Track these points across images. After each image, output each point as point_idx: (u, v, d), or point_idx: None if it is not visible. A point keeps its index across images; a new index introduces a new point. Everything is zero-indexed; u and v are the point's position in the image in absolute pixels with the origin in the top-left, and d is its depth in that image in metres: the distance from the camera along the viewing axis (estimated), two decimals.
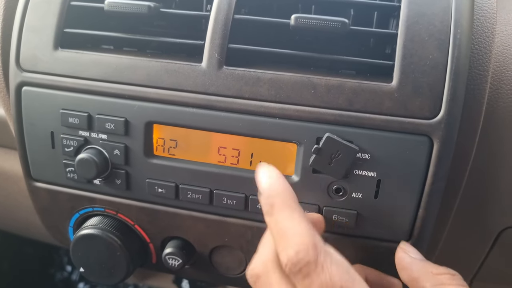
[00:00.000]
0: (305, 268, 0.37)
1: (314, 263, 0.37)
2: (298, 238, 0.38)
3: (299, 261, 0.38)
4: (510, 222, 0.63)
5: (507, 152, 0.55)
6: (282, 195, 0.42)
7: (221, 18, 0.51)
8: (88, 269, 0.60)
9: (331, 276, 0.37)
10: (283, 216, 0.41)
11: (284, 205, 0.41)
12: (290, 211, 0.41)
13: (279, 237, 0.40)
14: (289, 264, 0.38)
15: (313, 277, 0.37)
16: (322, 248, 0.38)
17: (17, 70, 0.56)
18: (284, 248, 0.39)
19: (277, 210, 0.41)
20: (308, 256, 0.38)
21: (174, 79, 0.51)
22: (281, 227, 0.40)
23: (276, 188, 0.42)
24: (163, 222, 0.58)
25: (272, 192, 0.42)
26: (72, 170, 0.58)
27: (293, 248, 0.38)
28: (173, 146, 0.54)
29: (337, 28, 0.48)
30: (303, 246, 0.38)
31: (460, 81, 0.47)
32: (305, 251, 0.38)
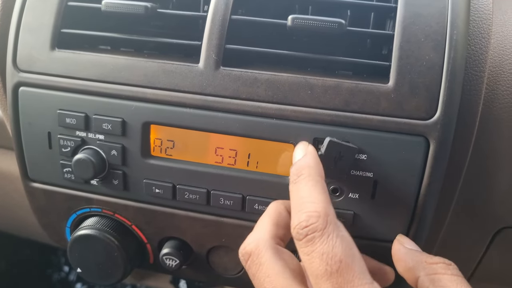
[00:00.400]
0: (311, 234, 0.39)
1: (320, 231, 0.38)
2: (312, 205, 0.40)
3: (307, 226, 0.39)
4: (506, 221, 0.63)
5: (503, 152, 0.55)
6: (311, 168, 0.44)
7: (218, 19, 0.51)
8: (85, 270, 0.60)
9: (334, 247, 0.38)
10: (306, 185, 0.42)
11: (309, 176, 0.43)
12: (314, 182, 0.42)
13: (296, 203, 0.42)
14: (297, 227, 0.39)
15: (316, 244, 0.38)
16: (332, 220, 0.39)
17: (14, 70, 0.56)
18: (297, 213, 0.40)
19: (301, 179, 0.43)
20: (317, 223, 0.39)
21: (171, 79, 0.51)
22: (301, 194, 0.42)
23: (307, 161, 0.44)
24: (161, 223, 0.58)
25: (302, 164, 0.44)
26: (69, 171, 0.58)
27: (305, 213, 0.40)
28: (170, 146, 0.54)
29: (333, 29, 0.48)
30: (315, 213, 0.39)
31: (456, 82, 0.47)
32: (315, 217, 0.39)
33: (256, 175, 0.53)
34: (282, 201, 0.49)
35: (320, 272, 0.38)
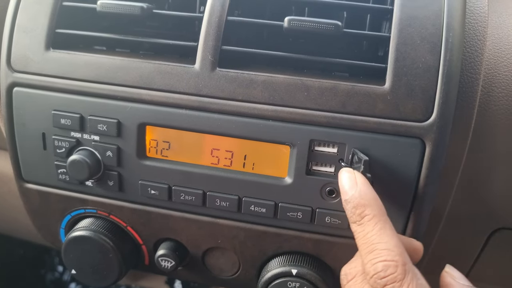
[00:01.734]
0: (390, 284, 0.38)
1: (400, 282, 0.38)
2: (388, 252, 0.39)
3: (385, 276, 0.38)
4: (501, 223, 0.63)
5: (498, 154, 0.56)
6: (374, 205, 0.42)
7: (214, 20, 0.51)
8: (80, 272, 0.60)
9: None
10: (375, 228, 0.41)
11: (375, 217, 0.41)
12: (382, 224, 0.41)
13: (367, 248, 0.40)
14: (375, 277, 0.39)
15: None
16: (410, 269, 0.39)
17: (8, 70, 0.55)
18: (372, 261, 0.39)
19: (367, 221, 0.41)
20: (396, 273, 0.38)
21: (167, 80, 0.51)
22: (372, 239, 0.40)
23: (367, 197, 0.42)
24: (156, 224, 0.58)
25: (362, 201, 0.42)
26: (64, 172, 0.57)
27: (382, 263, 0.38)
28: (166, 147, 0.54)
29: (330, 31, 0.48)
30: (392, 263, 0.38)
31: (452, 84, 0.47)
32: (393, 267, 0.38)
33: (252, 176, 0.53)
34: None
35: None
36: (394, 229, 0.42)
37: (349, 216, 0.43)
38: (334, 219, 0.52)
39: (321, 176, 0.51)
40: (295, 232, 0.54)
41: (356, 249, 0.54)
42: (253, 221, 0.55)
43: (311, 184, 0.51)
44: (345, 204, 0.43)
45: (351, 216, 0.43)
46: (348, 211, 0.43)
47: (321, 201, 0.52)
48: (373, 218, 0.41)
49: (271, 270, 0.55)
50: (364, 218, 0.42)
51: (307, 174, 0.51)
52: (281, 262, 0.55)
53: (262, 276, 0.55)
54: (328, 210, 0.52)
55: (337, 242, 0.54)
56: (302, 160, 0.50)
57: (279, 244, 0.56)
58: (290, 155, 0.51)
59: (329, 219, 0.52)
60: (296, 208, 0.52)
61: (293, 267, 0.54)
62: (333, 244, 0.54)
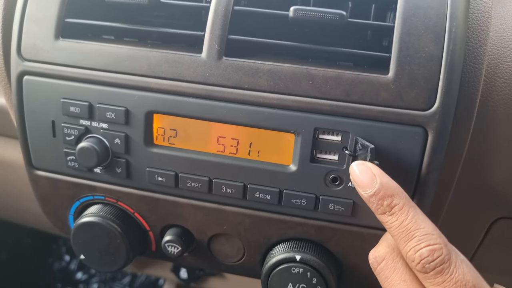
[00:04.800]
0: (440, 265, 0.39)
1: (448, 262, 0.39)
2: (430, 237, 0.40)
3: (433, 260, 0.39)
4: (503, 212, 0.64)
5: (500, 143, 0.56)
6: (400, 194, 0.43)
7: (221, 9, 0.51)
8: (88, 257, 0.61)
9: (464, 274, 0.39)
10: (409, 216, 0.41)
11: (406, 205, 0.42)
12: (414, 210, 0.42)
13: (406, 236, 0.41)
14: (423, 262, 0.40)
15: (446, 275, 0.39)
16: (452, 248, 0.40)
17: (19, 59, 0.56)
18: (415, 247, 0.40)
19: (398, 210, 0.42)
20: (443, 255, 0.39)
21: (174, 69, 0.52)
22: (409, 227, 0.41)
23: (390, 187, 0.43)
24: (163, 210, 0.59)
25: (388, 192, 0.42)
26: (73, 159, 0.58)
27: (427, 248, 0.40)
28: (173, 135, 0.55)
29: (335, 20, 0.49)
30: (437, 246, 0.40)
31: (455, 73, 0.48)
32: (439, 250, 0.39)
33: (257, 164, 0.53)
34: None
35: None
36: (423, 212, 0.42)
37: (376, 208, 0.43)
38: (338, 206, 0.53)
39: (325, 163, 0.52)
40: (299, 219, 0.55)
41: (359, 235, 0.55)
42: (258, 207, 0.56)
43: (315, 171, 0.52)
44: (368, 197, 0.43)
45: (379, 208, 0.43)
46: (373, 203, 0.43)
47: (325, 189, 0.53)
48: (404, 206, 0.42)
49: (275, 256, 0.56)
50: (394, 208, 0.42)
51: (311, 162, 0.52)
52: (285, 248, 0.56)
53: (267, 262, 0.56)
54: (332, 197, 0.53)
55: (340, 228, 0.55)
56: (306, 148, 0.51)
57: (283, 230, 0.57)
58: (295, 143, 0.52)
59: (332, 206, 0.53)
60: (300, 195, 0.53)
61: (297, 253, 0.55)
62: (336, 231, 0.55)
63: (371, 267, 0.47)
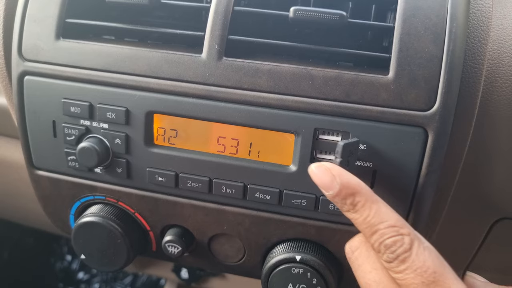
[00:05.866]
0: (402, 255, 0.41)
1: (409, 251, 0.41)
2: (392, 229, 0.41)
3: (396, 249, 0.41)
4: (504, 212, 0.64)
5: (500, 144, 0.56)
6: (361, 190, 0.43)
7: (221, 10, 0.51)
8: (89, 257, 0.62)
9: (425, 261, 0.40)
10: (371, 212, 0.43)
11: (367, 201, 0.43)
12: (376, 205, 0.43)
13: (370, 231, 0.42)
14: (387, 252, 0.41)
15: (407, 262, 0.40)
16: (415, 235, 0.42)
17: (19, 59, 0.57)
18: (379, 240, 0.42)
19: (361, 207, 0.43)
20: (404, 244, 0.41)
21: (175, 69, 0.52)
22: (372, 222, 0.42)
23: (351, 185, 0.43)
24: (163, 210, 0.59)
25: (349, 191, 0.43)
26: (73, 159, 0.59)
27: (389, 239, 0.41)
28: (173, 135, 0.55)
29: (335, 21, 0.49)
30: (399, 237, 0.41)
31: (455, 74, 0.48)
32: (401, 240, 0.41)
33: (257, 164, 0.54)
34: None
35: (417, 286, 0.40)
36: (387, 204, 0.43)
37: (340, 207, 0.44)
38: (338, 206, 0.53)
39: None
40: (299, 219, 0.55)
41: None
42: (258, 208, 0.56)
43: None
44: (331, 198, 0.44)
45: (342, 206, 0.44)
46: (337, 203, 0.44)
47: None
48: (366, 202, 0.43)
49: (275, 256, 0.56)
50: (357, 205, 0.43)
51: (312, 162, 0.52)
52: (285, 249, 0.56)
53: (267, 262, 0.56)
54: None
55: (340, 229, 0.55)
56: (306, 148, 0.51)
57: (283, 231, 0.57)
58: (295, 143, 0.52)
59: (332, 206, 0.53)
60: (300, 196, 0.53)
61: (297, 254, 0.55)
62: (336, 231, 0.55)
63: (346, 256, 0.48)
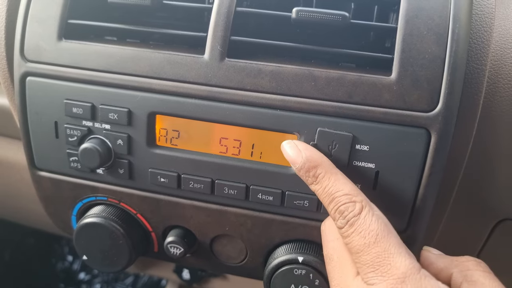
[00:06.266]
0: (351, 219, 0.45)
1: (358, 215, 0.45)
2: (346, 197, 0.46)
3: (347, 214, 0.45)
4: (507, 213, 0.64)
5: (504, 145, 0.56)
6: (323, 164, 0.48)
7: (223, 11, 0.51)
8: (90, 258, 0.62)
9: (370, 224, 0.44)
10: (330, 182, 0.47)
11: (327, 173, 0.47)
12: (335, 176, 0.47)
13: (328, 199, 0.47)
14: (340, 218, 0.45)
15: (354, 226, 0.44)
16: (366, 203, 0.45)
17: (22, 60, 0.57)
18: (334, 207, 0.46)
19: (321, 178, 0.47)
20: (354, 210, 0.45)
21: (177, 70, 0.52)
22: (330, 191, 0.47)
23: (313, 159, 0.48)
24: (165, 211, 0.59)
25: (312, 164, 0.48)
26: (75, 160, 0.58)
27: (343, 206, 0.45)
28: (175, 136, 0.55)
29: (337, 21, 0.49)
30: (351, 204, 0.45)
31: (457, 75, 0.48)
32: (352, 206, 0.45)
33: (259, 165, 0.53)
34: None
35: (359, 247, 0.43)
36: (345, 176, 0.48)
37: (305, 180, 0.48)
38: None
39: None
40: (302, 220, 0.55)
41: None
42: (260, 209, 0.56)
43: None
44: (297, 171, 0.48)
45: (307, 179, 0.48)
46: (302, 176, 0.48)
47: None
48: (326, 174, 0.47)
49: (277, 257, 0.56)
50: (318, 177, 0.47)
51: None
52: (287, 250, 0.56)
53: (269, 263, 0.56)
54: None
55: None
56: None
57: (285, 232, 0.57)
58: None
59: None
60: (303, 197, 0.53)
61: (299, 255, 0.54)
62: None
63: (321, 233, 0.52)
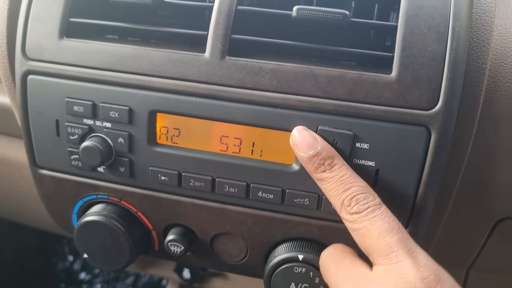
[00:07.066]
0: (373, 207, 0.45)
1: (380, 205, 0.45)
2: (366, 188, 0.46)
3: (369, 202, 0.45)
4: (507, 212, 0.64)
5: (504, 143, 0.56)
6: (339, 157, 0.48)
7: (224, 9, 0.51)
8: (91, 256, 0.62)
9: (391, 216, 0.45)
10: (348, 172, 0.47)
11: (344, 165, 0.48)
12: (351, 170, 0.48)
13: (344, 187, 0.46)
14: (358, 204, 0.45)
15: (378, 212, 0.45)
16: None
17: (23, 58, 0.57)
18: (352, 194, 0.46)
19: (339, 168, 0.47)
20: (376, 200, 0.46)
21: (178, 68, 0.52)
22: (348, 180, 0.47)
23: (333, 150, 0.48)
24: (166, 210, 0.59)
25: (330, 154, 0.48)
26: (76, 158, 0.59)
27: (362, 194, 0.46)
28: (176, 134, 0.55)
29: (338, 20, 0.49)
30: (371, 195, 0.46)
31: (458, 73, 0.48)
32: (373, 196, 0.46)
33: (260, 163, 0.54)
34: None
35: (382, 230, 0.43)
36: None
37: (316, 167, 0.48)
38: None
39: None
40: (302, 218, 0.56)
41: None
42: (261, 207, 0.56)
43: None
44: (310, 157, 0.48)
45: (319, 167, 0.48)
46: (314, 163, 0.48)
47: None
48: (343, 165, 0.47)
49: (278, 255, 0.56)
50: (335, 166, 0.47)
51: None
52: (287, 248, 0.56)
53: (269, 261, 0.56)
54: None
55: (343, 228, 0.54)
56: None
57: (286, 230, 0.57)
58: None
59: None
60: (303, 195, 0.53)
61: (300, 253, 0.55)
62: (338, 230, 0.55)
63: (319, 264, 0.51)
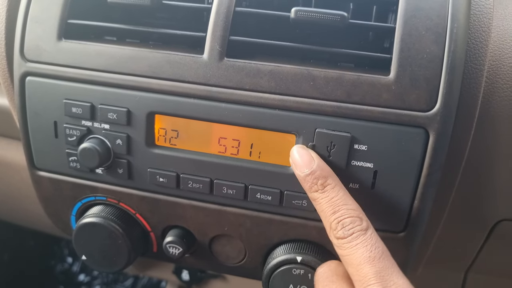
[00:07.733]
0: (357, 232, 0.45)
1: (365, 231, 0.45)
2: (353, 212, 0.46)
3: (353, 227, 0.45)
4: (505, 214, 0.64)
5: (502, 145, 0.56)
6: (333, 176, 0.49)
7: (222, 11, 0.51)
8: (90, 258, 0.62)
9: (377, 241, 0.45)
10: (339, 194, 0.47)
11: (337, 186, 0.48)
12: (344, 192, 0.48)
13: (333, 209, 0.46)
14: (343, 229, 0.45)
15: (360, 238, 0.45)
16: (371, 225, 0.46)
17: (21, 60, 0.57)
18: (339, 218, 0.46)
19: (331, 189, 0.47)
20: (362, 225, 0.45)
21: (176, 70, 0.52)
22: (337, 202, 0.47)
23: (326, 169, 0.49)
24: (164, 211, 0.59)
25: (324, 173, 0.48)
26: (74, 159, 0.59)
27: (349, 218, 0.46)
28: (174, 136, 0.55)
29: (336, 21, 0.49)
30: (358, 218, 0.46)
31: (456, 74, 0.48)
32: (359, 221, 0.46)
33: (258, 165, 0.54)
34: None
35: (364, 259, 0.43)
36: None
37: (310, 186, 0.48)
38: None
39: None
40: (300, 220, 0.55)
41: None
42: (259, 209, 0.56)
43: None
44: (305, 176, 0.48)
45: (312, 186, 0.48)
46: (308, 182, 0.48)
47: None
48: (336, 186, 0.48)
49: (276, 257, 0.56)
50: (327, 187, 0.47)
51: None
52: (286, 250, 0.56)
53: (268, 263, 0.56)
54: None
55: None
56: None
57: (284, 231, 0.57)
58: (296, 144, 0.52)
59: None
60: (301, 196, 0.53)
61: (298, 255, 0.55)
62: None
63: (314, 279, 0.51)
